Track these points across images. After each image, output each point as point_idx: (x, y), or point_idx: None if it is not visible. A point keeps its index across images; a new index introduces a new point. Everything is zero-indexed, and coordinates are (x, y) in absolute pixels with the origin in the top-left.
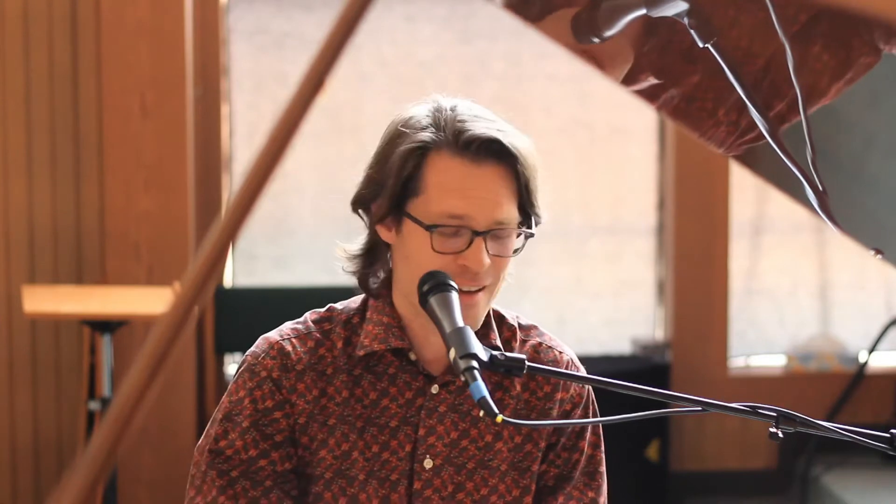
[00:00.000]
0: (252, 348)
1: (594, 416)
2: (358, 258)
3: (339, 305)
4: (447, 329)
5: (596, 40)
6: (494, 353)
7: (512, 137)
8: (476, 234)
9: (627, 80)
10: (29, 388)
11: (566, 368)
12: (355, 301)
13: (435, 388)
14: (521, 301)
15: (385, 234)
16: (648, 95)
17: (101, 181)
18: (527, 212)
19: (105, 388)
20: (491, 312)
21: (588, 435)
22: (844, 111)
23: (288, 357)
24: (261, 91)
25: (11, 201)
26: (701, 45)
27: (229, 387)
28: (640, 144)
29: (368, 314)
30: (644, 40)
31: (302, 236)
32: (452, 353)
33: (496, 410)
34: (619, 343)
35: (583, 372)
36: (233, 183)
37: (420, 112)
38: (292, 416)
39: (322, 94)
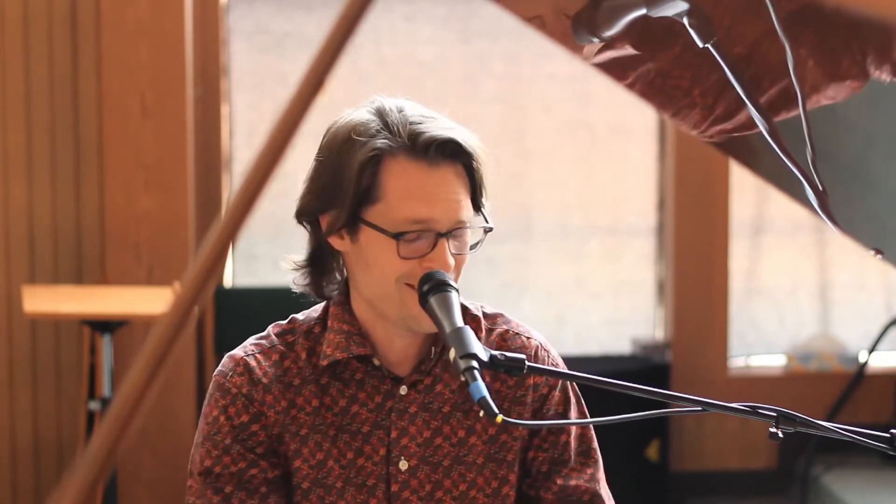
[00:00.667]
0: (219, 367)
1: (574, 393)
2: (306, 269)
3: (300, 316)
4: (447, 329)
5: (595, 40)
6: (494, 353)
7: (465, 136)
8: (440, 235)
9: (603, 48)
10: (29, 388)
11: (534, 354)
12: (316, 310)
13: (403, 390)
14: (521, 301)
15: (337, 243)
16: (621, 68)
17: (101, 181)
18: (476, 207)
19: (105, 388)
20: None
21: (573, 413)
22: (844, 111)
23: (253, 372)
24: (261, 91)
25: (11, 201)
26: (701, 45)
27: (203, 409)
28: (640, 144)
29: (329, 323)
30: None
31: (302, 236)
32: (452, 353)
33: (496, 410)
34: (619, 343)
35: (555, 355)
36: (233, 183)
37: (365, 116)
38: (268, 427)
39: (322, 94)
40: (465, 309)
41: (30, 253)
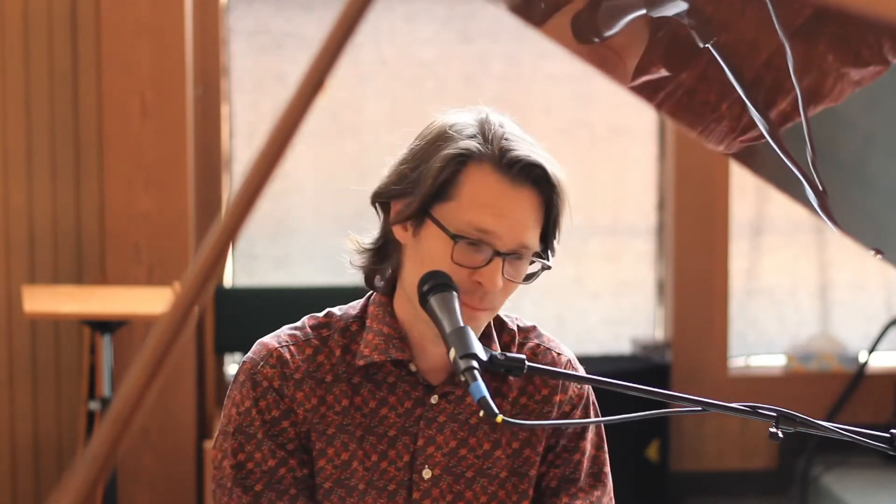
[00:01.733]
0: (250, 354)
1: (595, 416)
2: (368, 253)
3: (337, 311)
4: (447, 329)
5: (596, 40)
6: (494, 353)
7: (553, 167)
8: (497, 253)
9: (638, 72)
10: (29, 388)
11: (564, 370)
12: (354, 307)
13: (434, 399)
14: (521, 301)
15: (400, 234)
16: (651, 89)
17: (101, 181)
18: (545, 243)
19: (105, 388)
20: (490, 321)
21: (590, 435)
22: (844, 111)
23: (287, 365)
24: (261, 91)
25: (11, 201)
26: (701, 45)
27: (232, 394)
28: (640, 144)
29: (368, 322)
30: (656, 30)
31: (302, 236)
32: (452, 353)
33: (496, 410)
34: (619, 343)
35: (582, 373)
36: (233, 183)
37: (467, 119)
38: (297, 424)
39: (322, 94)
40: (502, 324)
41: (30, 253)
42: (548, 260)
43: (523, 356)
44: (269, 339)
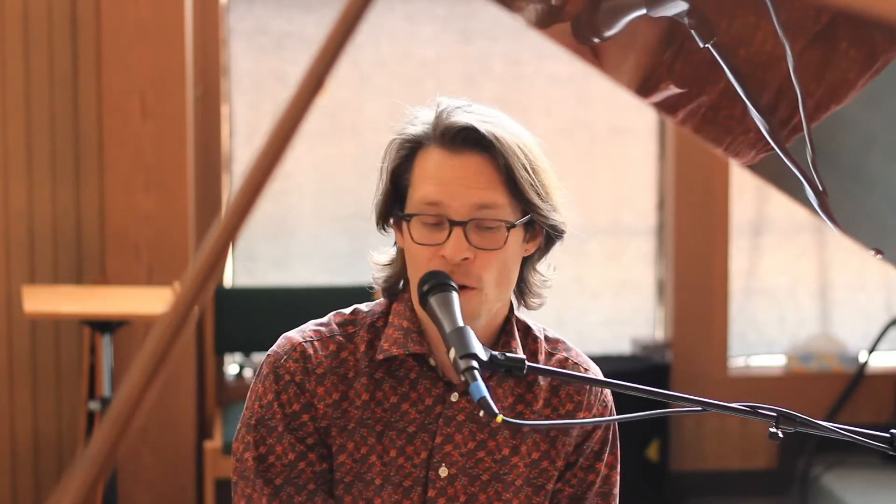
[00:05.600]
0: (274, 347)
1: (614, 437)
2: (384, 268)
3: (364, 307)
4: (447, 329)
5: (596, 40)
6: (494, 353)
7: (494, 126)
8: (453, 223)
9: (645, 90)
10: (29, 388)
11: (590, 388)
12: (380, 304)
13: (454, 397)
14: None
15: (399, 240)
16: (669, 107)
17: (101, 181)
18: (524, 202)
19: (105, 388)
20: (514, 321)
21: (606, 456)
22: (844, 111)
23: (309, 360)
24: (261, 91)
25: (11, 201)
26: (701, 45)
27: (256, 387)
28: (640, 144)
29: (390, 318)
30: (664, 47)
31: (302, 236)
32: (452, 352)
33: (496, 410)
34: (619, 343)
35: (608, 395)
36: (233, 183)
37: (417, 113)
38: (317, 419)
39: (322, 94)
40: (527, 329)
41: (30, 253)
42: (546, 218)
43: (523, 356)
44: (294, 334)
